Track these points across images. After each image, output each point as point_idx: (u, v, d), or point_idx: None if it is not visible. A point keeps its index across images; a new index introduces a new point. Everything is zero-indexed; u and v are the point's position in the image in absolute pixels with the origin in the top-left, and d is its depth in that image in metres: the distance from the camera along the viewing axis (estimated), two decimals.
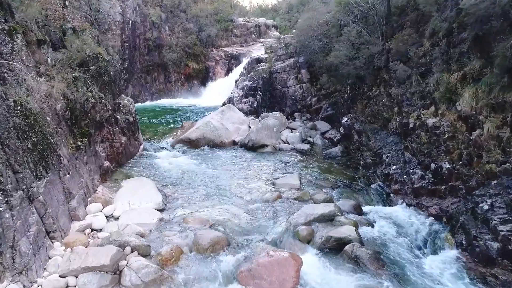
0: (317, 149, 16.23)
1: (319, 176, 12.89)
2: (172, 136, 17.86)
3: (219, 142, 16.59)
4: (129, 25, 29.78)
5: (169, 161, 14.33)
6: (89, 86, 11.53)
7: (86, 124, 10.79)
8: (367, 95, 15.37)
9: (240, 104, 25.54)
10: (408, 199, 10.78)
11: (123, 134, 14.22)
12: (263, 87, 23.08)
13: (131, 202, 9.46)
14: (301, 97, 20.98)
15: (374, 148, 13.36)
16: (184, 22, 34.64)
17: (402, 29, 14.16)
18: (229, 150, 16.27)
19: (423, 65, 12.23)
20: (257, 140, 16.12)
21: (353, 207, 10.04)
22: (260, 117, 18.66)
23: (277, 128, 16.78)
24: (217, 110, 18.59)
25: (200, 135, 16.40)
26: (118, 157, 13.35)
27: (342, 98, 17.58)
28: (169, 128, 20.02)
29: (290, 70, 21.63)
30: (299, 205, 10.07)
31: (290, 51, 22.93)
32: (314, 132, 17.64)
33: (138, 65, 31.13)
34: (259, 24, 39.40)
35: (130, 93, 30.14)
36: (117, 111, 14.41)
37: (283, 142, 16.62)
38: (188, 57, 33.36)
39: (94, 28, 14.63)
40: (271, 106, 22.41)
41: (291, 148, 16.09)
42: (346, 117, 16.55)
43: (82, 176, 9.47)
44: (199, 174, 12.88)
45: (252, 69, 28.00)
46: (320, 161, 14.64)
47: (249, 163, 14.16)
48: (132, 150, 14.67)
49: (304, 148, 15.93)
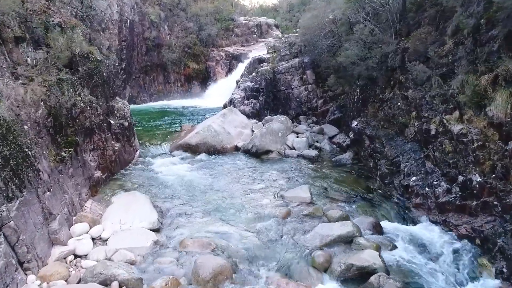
0: (325, 156, 15.01)
1: (330, 187, 11.67)
2: (170, 141, 16.64)
3: (220, 148, 15.37)
4: (127, 24, 28.54)
5: (167, 170, 13.12)
6: (77, 89, 10.31)
7: (73, 131, 9.57)
8: (380, 97, 14.16)
9: (242, 106, 24.33)
10: (432, 215, 9.57)
11: (117, 141, 13.00)
12: (266, 88, 21.86)
13: (122, 221, 8.24)
14: (307, 99, 19.76)
15: (390, 156, 12.15)
16: (184, 21, 33.40)
17: (419, 27, 12.94)
18: (232, 156, 15.05)
19: (445, 66, 11.00)
20: (261, 145, 14.90)
21: (372, 225, 8.83)
22: (263, 120, 17.45)
23: (282, 133, 15.56)
24: (218, 113, 17.37)
25: (200, 140, 15.18)
26: (111, 166, 12.13)
27: (351, 101, 16.36)
28: (168, 131, 18.79)
29: (295, 70, 20.41)
30: (311, 223, 8.86)
31: (294, 50, 21.70)
32: (322, 137, 16.42)
33: (136, 65, 29.89)
34: (260, 23, 38.18)
35: (128, 94, 28.93)
36: (111, 115, 13.19)
37: (288, 148, 15.40)
38: (188, 57, 32.16)
39: (85, 25, 13.40)
40: (274, 108, 21.19)
41: (297, 154, 14.87)
42: (356, 121, 15.34)
43: (67, 191, 8.25)
44: (199, 184, 11.66)
45: (254, 69, 26.79)
46: (329, 169, 13.42)
47: (254, 172, 12.94)
48: (127, 158, 13.45)
49: (311, 154, 14.71)
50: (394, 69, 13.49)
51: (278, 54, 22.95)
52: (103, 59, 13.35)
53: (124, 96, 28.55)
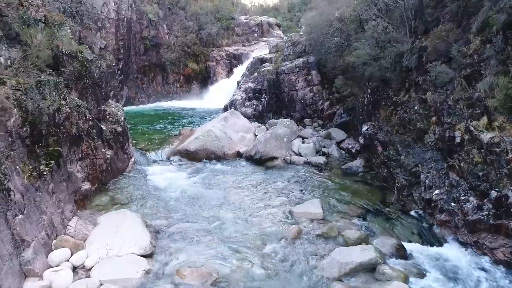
0: (334, 163, 13.84)
1: (342, 199, 10.51)
2: (168, 146, 15.45)
3: (221, 154, 14.20)
4: (124, 22, 27.34)
5: (163, 179, 11.94)
6: (62, 92, 9.12)
7: (56, 140, 8.39)
8: (393, 100, 12.99)
9: (243, 108, 23.18)
10: (461, 234, 8.41)
11: (109, 148, 11.82)
12: (268, 90, 20.69)
13: (109, 246, 7.07)
14: (312, 101, 18.60)
15: (407, 165, 10.98)
16: (183, 20, 32.17)
17: (438, 24, 11.78)
18: (233, 163, 13.88)
19: (469, 66, 9.87)
20: (265, 152, 13.74)
21: (395, 248, 7.67)
22: (267, 124, 16.28)
23: (287, 138, 14.40)
24: (219, 117, 16.19)
25: (199, 146, 14.01)
26: (101, 176, 10.95)
27: (360, 103, 15.19)
28: (166, 135, 17.61)
29: (299, 71, 19.24)
30: (326, 246, 7.70)
31: (298, 50, 20.52)
32: (329, 142, 15.25)
33: (134, 65, 28.69)
34: (261, 22, 37.00)
35: (125, 95, 27.75)
36: (102, 120, 12.02)
37: (294, 154, 14.24)
38: (188, 57, 30.93)
39: (75, 22, 12.23)
40: (277, 111, 20.03)
41: (304, 161, 13.71)
42: (366, 125, 14.16)
43: (45, 212, 7.08)
44: (198, 197, 10.49)
45: (255, 69, 25.61)
46: (340, 178, 12.26)
47: (258, 182, 11.77)
48: (120, 166, 12.27)
49: (319, 161, 13.55)
50: (410, 69, 12.32)
51: (281, 53, 21.78)
52: (94, 59, 12.18)
53: (121, 97, 27.39)
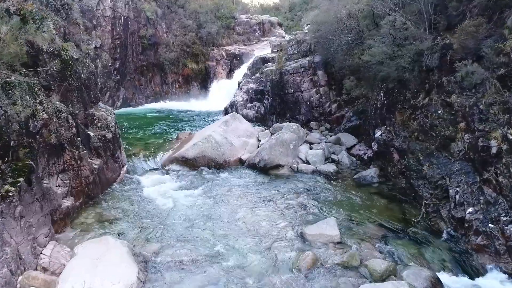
0: (345, 171, 12.52)
1: (359, 216, 9.20)
2: (165, 152, 14.13)
3: (222, 162, 12.87)
4: (121, 20, 25.98)
5: (158, 191, 10.62)
6: (37, 95, 7.79)
7: (29, 153, 7.06)
8: (411, 103, 11.66)
9: (245, 110, 21.87)
10: (504, 262, 7.09)
11: (98, 156, 10.50)
12: (271, 91, 19.35)
13: (87, 283, 5.74)
14: (318, 103, 17.26)
15: (431, 177, 9.66)
16: (182, 18, 30.81)
17: (464, 18, 10.47)
18: (235, 172, 12.56)
19: (504, 66, 8.57)
20: (270, 159, 12.42)
21: (430, 282, 6.35)
22: (271, 128, 14.95)
23: (294, 144, 13.07)
24: (220, 121, 14.84)
25: (198, 153, 12.68)
26: (88, 189, 9.62)
27: (372, 106, 13.86)
28: (163, 140, 16.28)
29: (304, 71, 17.90)
30: (348, 280, 6.39)
31: (303, 49, 19.18)
32: (339, 148, 13.93)
33: (131, 65, 27.33)
34: (263, 21, 35.64)
35: (122, 96, 26.40)
36: (90, 126, 10.69)
37: (301, 162, 12.92)
38: (187, 57, 29.55)
39: (60, 17, 10.89)
40: (281, 113, 18.70)
41: (312, 170, 12.39)
42: (380, 130, 12.85)
43: (8, 242, 5.75)
44: (196, 213, 9.17)
45: (257, 70, 24.30)
46: (353, 190, 10.94)
47: (263, 194, 10.45)
48: (110, 176, 10.95)
49: (329, 170, 12.23)
50: (430, 69, 11.02)
51: (284, 53, 20.44)
52: (81, 58, 10.85)
53: (117, 98, 26.05)
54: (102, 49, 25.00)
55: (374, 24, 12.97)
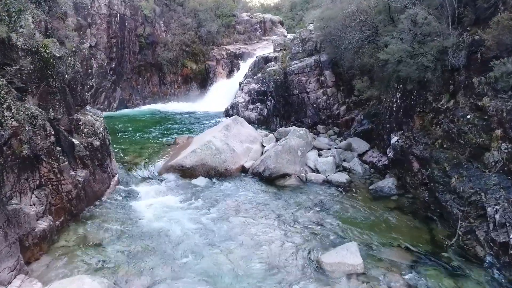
0: (358, 181, 11.25)
1: (380, 237, 7.92)
2: (161, 159, 12.85)
3: (223, 170, 11.59)
4: (117, 18, 24.66)
5: (152, 206, 9.34)
6: (5, 99, 6.49)
7: None
8: (433, 106, 10.40)
9: (246, 112, 20.62)
10: None
11: (83, 167, 9.21)
12: (275, 92, 18.08)
13: None
14: (325, 105, 15.99)
15: (462, 191, 8.38)
16: (181, 16, 29.50)
17: (496, 11, 9.20)
18: (238, 181, 11.28)
19: None
20: (276, 168, 11.14)
21: None
22: (276, 133, 13.66)
23: (302, 151, 11.78)
24: (220, 125, 13.54)
25: (197, 161, 11.40)
26: (70, 205, 8.34)
27: (387, 109, 12.58)
28: (159, 145, 14.99)
29: (310, 71, 16.62)
30: None
31: (309, 48, 17.91)
32: (350, 154, 12.65)
33: (128, 65, 26.02)
34: (264, 20, 34.33)
35: (118, 97, 25.08)
36: (75, 133, 9.40)
37: (310, 170, 11.64)
38: (186, 56, 28.26)
39: (41, 10, 9.58)
40: (285, 116, 17.42)
41: (323, 179, 11.11)
42: (396, 136, 11.60)
43: None
44: (194, 235, 7.89)
45: (259, 69, 23.05)
46: (370, 204, 9.67)
47: (270, 210, 9.17)
48: (98, 189, 9.66)
49: (341, 180, 10.96)
50: (456, 69, 9.76)
51: (288, 52, 19.15)
52: (65, 56, 9.54)
53: (113, 100, 24.74)
54: (97, 48, 23.72)
55: (389, 20, 11.70)
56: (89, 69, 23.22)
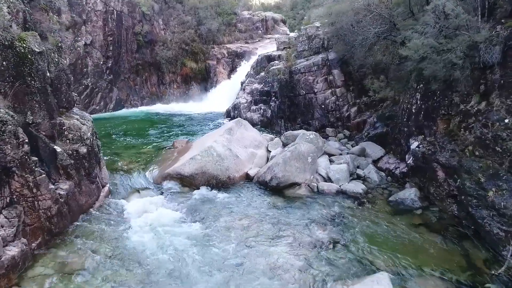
0: (375, 191, 10.05)
1: (410, 262, 6.73)
2: (157, 165, 11.64)
3: (225, 179, 10.39)
4: (113, 15, 23.42)
5: (144, 222, 8.14)
6: None
7: None
8: (461, 109, 9.19)
9: (249, 113, 19.41)
10: None
11: (67, 178, 8.00)
12: (279, 92, 16.86)
13: None
14: (334, 106, 14.77)
15: (503, 207, 7.18)
16: (181, 14, 28.25)
17: None
18: (242, 191, 10.07)
19: None
20: (285, 177, 9.94)
21: None
22: (283, 137, 12.44)
23: (312, 157, 10.58)
24: (222, 128, 12.30)
25: (197, 169, 10.19)
26: (49, 224, 7.13)
27: (404, 111, 11.37)
28: (156, 148, 13.77)
29: (318, 70, 15.41)
30: None
31: (315, 45, 16.69)
32: (364, 160, 11.45)
33: (126, 64, 24.78)
34: (266, 18, 33.11)
35: (115, 97, 23.86)
36: (58, 139, 8.18)
37: (322, 178, 10.44)
38: (185, 55, 27.02)
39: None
40: (291, 117, 16.21)
41: (336, 189, 9.91)
42: (416, 141, 10.39)
43: None
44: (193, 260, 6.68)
45: (262, 68, 21.82)
46: (392, 219, 8.47)
47: (279, 227, 7.97)
48: (84, 202, 8.45)
49: (357, 190, 9.75)
50: (488, 66, 8.56)
51: (293, 50, 17.93)
52: (47, 51, 8.32)
53: (110, 100, 23.50)
54: (93, 47, 22.48)
55: (409, 13, 10.48)
56: (84, 68, 21.98)
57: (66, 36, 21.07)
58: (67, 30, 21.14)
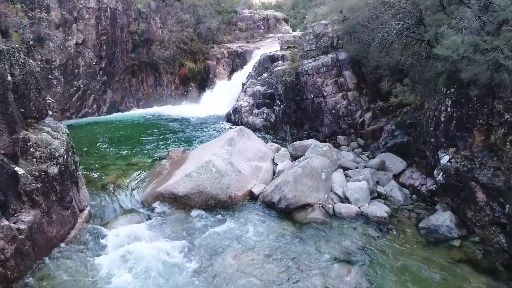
0: (401, 214, 8.48)
1: None
2: (150, 180, 10.08)
3: (226, 198, 8.83)
4: (107, 13, 21.79)
5: (127, 257, 6.58)
6: None
7: None
8: (506, 119, 7.61)
9: (251, 117, 17.85)
10: None
11: (33, 205, 6.44)
12: (285, 95, 15.27)
13: None
14: (346, 111, 13.19)
15: None
16: (179, 12, 26.61)
17: None
18: (245, 214, 8.50)
19: None
20: (295, 198, 8.37)
21: None
22: (290, 147, 10.86)
23: (326, 173, 9.01)
24: (222, 138, 10.66)
25: (193, 188, 8.61)
26: (4, 270, 5.56)
27: (431, 119, 9.78)
28: (150, 158, 12.21)
29: (327, 71, 13.83)
30: None
31: (323, 44, 15.10)
32: (383, 175, 9.88)
33: (120, 64, 23.15)
34: (267, 17, 31.47)
35: (109, 100, 22.25)
36: (22, 158, 6.61)
37: (338, 198, 8.87)
38: (184, 55, 25.38)
39: None
40: (297, 123, 14.63)
41: (356, 212, 8.34)
42: (446, 154, 8.83)
43: None
44: None
45: (264, 69, 20.23)
46: (425, 253, 6.93)
47: (292, 265, 6.42)
48: (56, 233, 6.88)
49: (380, 214, 8.19)
50: None
51: (299, 49, 16.34)
52: (9, 51, 6.73)
53: (103, 102, 21.90)
54: (85, 46, 20.86)
55: (439, 6, 8.89)
56: (76, 69, 20.37)
57: (56, 34, 19.49)
58: (56, 29, 19.55)
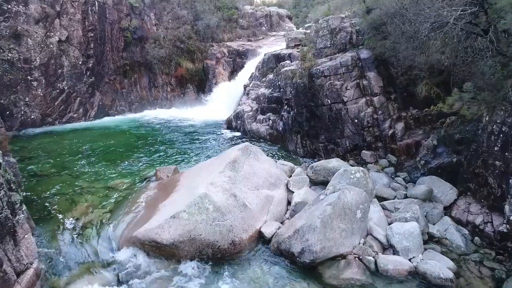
0: (468, 269, 6.05)
1: None
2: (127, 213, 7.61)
3: (227, 245, 6.39)
4: (95, 7, 19.25)
5: None
6: None
7: None
8: None
9: (254, 124, 15.40)
10: None
11: None
12: (295, 100, 12.78)
13: None
14: (372, 121, 10.72)
15: None
16: (176, 8, 24.08)
17: None
18: (253, 270, 6.03)
19: None
20: (324, 250, 5.91)
21: None
22: (310, 170, 8.38)
23: (362, 210, 6.54)
24: (223, 161, 8.05)
25: (182, 235, 6.14)
26: None
27: (495, 135, 7.32)
28: (134, 180, 9.75)
29: (347, 72, 11.37)
30: None
31: (340, 41, 12.63)
32: (432, 208, 7.42)
33: (111, 64, 20.62)
34: (270, 13, 28.97)
35: (97, 103, 19.72)
36: None
37: (378, 244, 6.43)
38: (181, 54, 22.88)
39: None
40: (311, 134, 12.15)
41: (408, 269, 5.89)
42: None
43: None
44: None
45: (269, 69, 17.76)
46: None
47: None
48: None
49: (446, 275, 5.72)
50: None
51: (312, 46, 13.83)
52: None
53: (91, 106, 19.37)
54: (70, 44, 18.33)
55: None
56: (59, 69, 17.85)
57: (36, 30, 16.96)
58: (36, 24, 17.02)
